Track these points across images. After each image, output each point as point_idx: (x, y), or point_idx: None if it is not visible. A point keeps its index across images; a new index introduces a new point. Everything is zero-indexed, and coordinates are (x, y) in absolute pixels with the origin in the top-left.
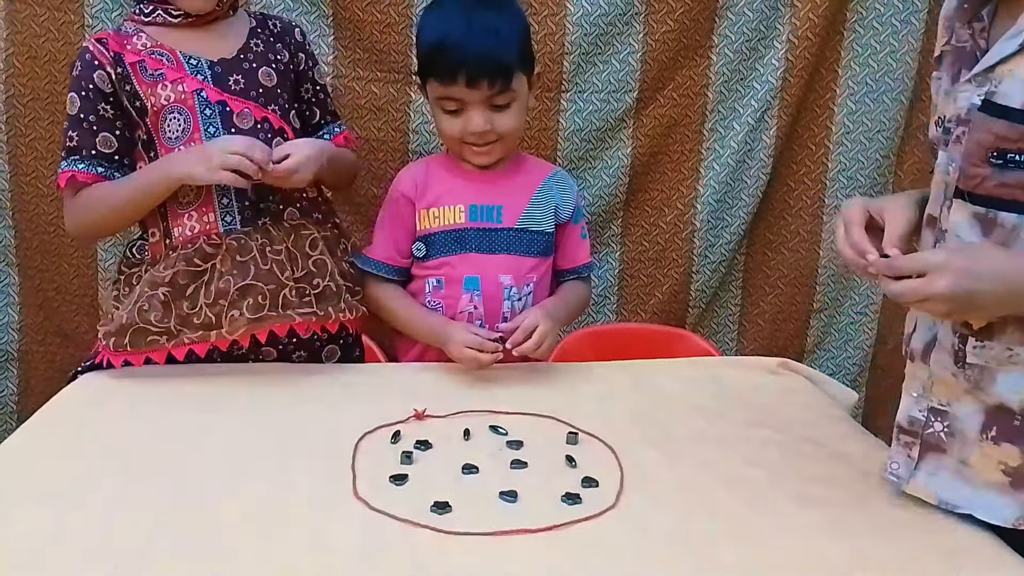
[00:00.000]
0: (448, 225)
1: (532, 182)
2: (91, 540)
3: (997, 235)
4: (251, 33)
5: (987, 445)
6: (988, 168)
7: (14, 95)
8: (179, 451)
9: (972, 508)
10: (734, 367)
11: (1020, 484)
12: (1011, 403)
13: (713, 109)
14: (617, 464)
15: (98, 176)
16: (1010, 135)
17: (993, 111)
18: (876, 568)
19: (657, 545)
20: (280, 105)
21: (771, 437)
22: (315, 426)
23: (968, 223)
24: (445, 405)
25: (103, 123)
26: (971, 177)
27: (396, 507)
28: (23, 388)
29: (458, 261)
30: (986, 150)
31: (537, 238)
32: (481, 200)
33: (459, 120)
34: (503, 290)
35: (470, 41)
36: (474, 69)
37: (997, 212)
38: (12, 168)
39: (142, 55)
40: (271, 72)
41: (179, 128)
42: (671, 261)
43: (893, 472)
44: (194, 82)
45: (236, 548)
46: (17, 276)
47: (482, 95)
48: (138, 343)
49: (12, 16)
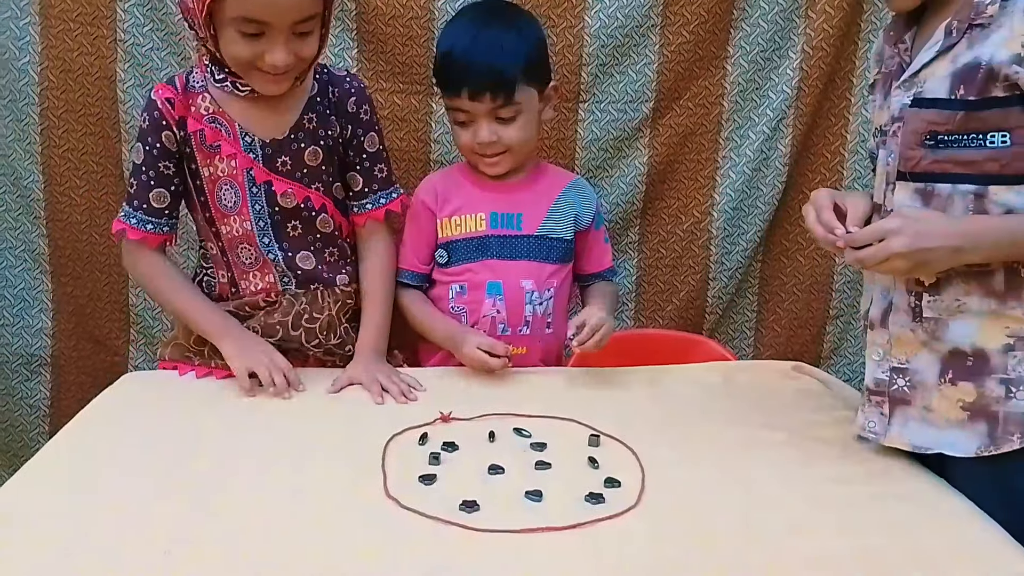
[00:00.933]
0: (470, 233)
1: (552, 191)
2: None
3: (935, 203)
4: (308, 105)
5: (946, 388)
6: (923, 150)
7: (48, 107)
8: (216, 449)
9: (940, 447)
10: (749, 371)
11: (978, 416)
12: (964, 346)
13: (729, 118)
14: (638, 465)
15: (147, 233)
16: (939, 119)
17: (923, 104)
18: (889, 567)
19: (678, 543)
20: (324, 182)
21: (786, 439)
22: (345, 428)
23: (910, 197)
24: (470, 408)
25: (161, 179)
26: (909, 159)
27: (426, 506)
28: (55, 393)
29: (480, 267)
30: (920, 135)
31: (556, 245)
32: (501, 208)
33: (469, 131)
34: (525, 294)
35: (472, 55)
36: (475, 82)
37: (934, 184)
38: (46, 178)
39: (203, 122)
40: (318, 151)
41: (231, 200)
42: (688, 268)
43: (870, 430)
44: (246, 160)
45: (271, 542)
46: (50, 283)
47: (486, 108)
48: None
49: (46, 31)
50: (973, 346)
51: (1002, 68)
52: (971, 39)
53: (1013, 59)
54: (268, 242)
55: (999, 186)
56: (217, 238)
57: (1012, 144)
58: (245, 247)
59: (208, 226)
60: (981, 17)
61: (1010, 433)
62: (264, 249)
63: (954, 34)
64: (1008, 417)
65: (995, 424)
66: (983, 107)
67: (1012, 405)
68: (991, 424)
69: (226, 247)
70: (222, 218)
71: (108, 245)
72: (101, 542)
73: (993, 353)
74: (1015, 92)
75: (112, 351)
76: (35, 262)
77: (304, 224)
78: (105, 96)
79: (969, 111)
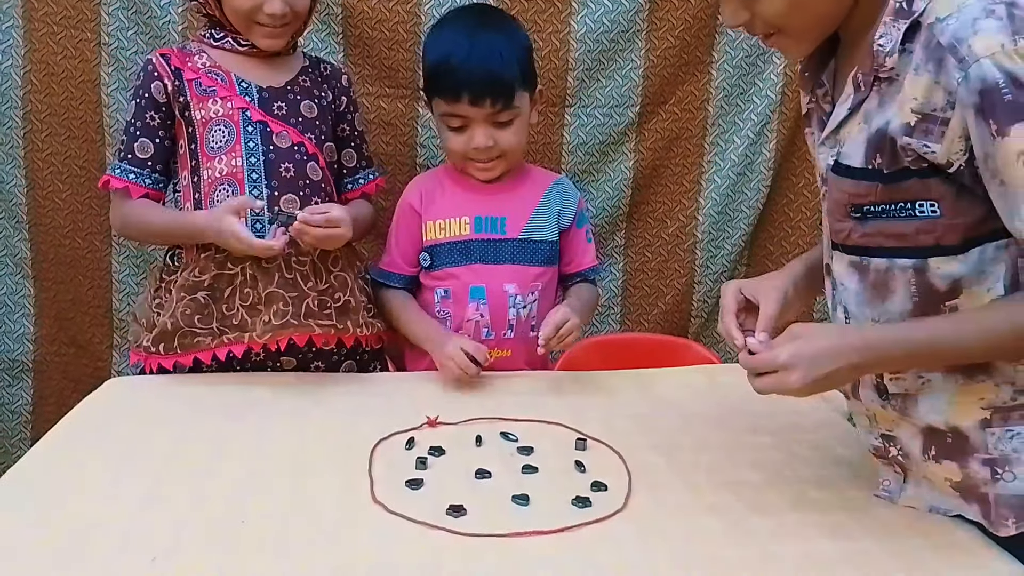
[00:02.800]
0: (454, 237)
1: (535, 192)
2: (126, 534)
3: (873, 278)
4: (302, 71)
5: (931, 464)
6: (851, 222)
7: (31, 111)
8: (201, 455)
9: (958, 510)
10: (733, 373)
11: (969, 497)
12: (937, 423)
13: (714, 123)
14: (625, 469)
15: (128, 182)
16: (859, 191)
17: (841, 171)
18: (874, 567)
19: (665, 546)
20: (316, 135)
21: (771, 442)
22: (331, 432)
23: (847, 271)
24: (456, 413)
25: (146, 130)
26: (839, 232)
27: (413, 510)
28: (37, 398)
29: (464, 272)
30: (844, 207)
31: (541, 247)
32: (486, 212)
33: (463, 137)
34: (508, 299)
35: (473, 61)
36: (477, 88)
37: (869, 259)
38: (29, 182)
39: (199, 73)
40: (313, 106)
41: (223, 139)
42: (673, 272)
43: (885, 488)
44: (241, 101)
45: (259, 548)
46: (32, 287)
47: (485, 113)
48: (187, 345)
49: (30, 34)
50: (947, 424)
51: (898, 139)
52: (881, 93)
53: (904, 129)
54: (257, 178)
55: (939, 257)
56: (196, 190)
57: (942, 215)
58: (224, 187)
59: (191, 176)
60: (883, 70)
61: (1004, 518)
62: (250, 186)
63: (862, 87)
64: (999, 500)
65: (988, 507)
66: (901, 178)
67: (1001, 487)
68: (984, 507)
69: (203, 195)
70: (207, 160)
71: (91, 249)
72: (87, 549)
73: (970, 430)
74: (923, 165)
75: (95, 356)
76: (17, 266)
77: (296, 168)
78: (89, 100)
79: (887, 183)
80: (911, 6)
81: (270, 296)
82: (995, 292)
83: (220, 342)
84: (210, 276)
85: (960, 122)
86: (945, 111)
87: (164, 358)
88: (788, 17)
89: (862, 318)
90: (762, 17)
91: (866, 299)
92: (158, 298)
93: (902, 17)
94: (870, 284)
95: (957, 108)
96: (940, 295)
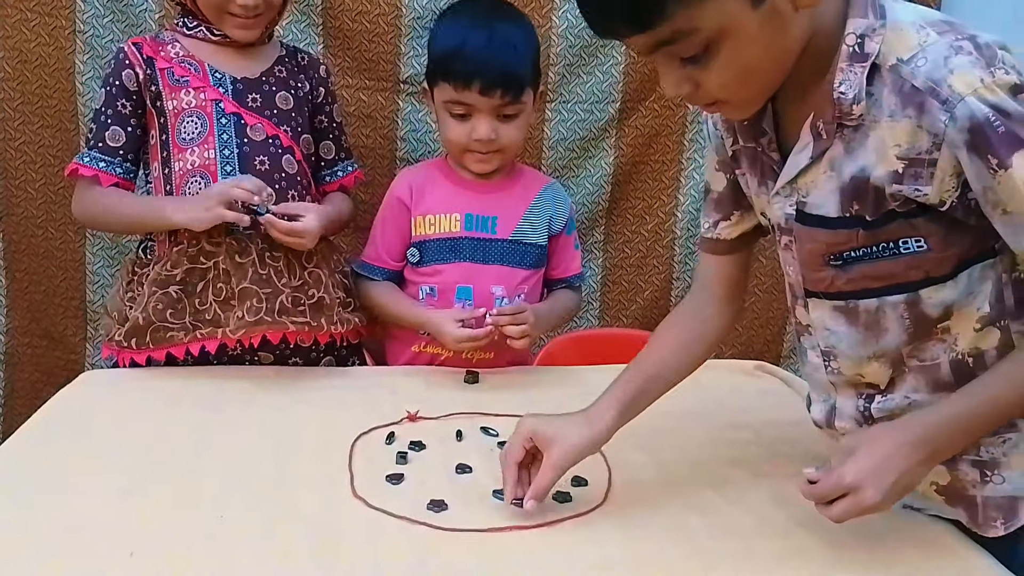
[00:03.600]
0: (443, 233)
1: (527, 194)
2: (103, 529)
3: (864, 319)
4: (278, 60)
5: None
6: (831, 270)
7: (4, 99)
8: (179, 449)
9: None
10: (713, 370)
11: (954, 501)
12: None
13: (693, 120)
14: (605, 464)
15: (98, 170)
16: (838, 239)
17: (811, 222)
18: (853, 559)
19: (645, 541)
20: (292, 128)
21: (750, 437)
22: (311, 427)
23: (831, 316)
24: (436, 407)
25: (117, 119)
26: (819, 281)
27: (393, 505)
28: (9, 391)
29: (451, 269)
30: (821, 256)
31: (530, 250)
32: (476, 210)
33: (466, 126)
34: (494, 300)
35: (490, 49)
36: (490, 77)
37: (856, 301)
38: (1, 172)
39: (172, 63)
40: (289, 97)
41: (195, 131)
42: (652, 268)
43: None
44: (214, 92)
45: (239, 543)
46: (5, 279)
47: (493, 104)
48: (159, 340)
49: (3, 21)
50: None
51: (885, 187)
52: (847, 141)
53: (891, 177)
54: (231, 171)
55: (930, 287)
56: (167, 181)
57: (930, 249)
58: (197, 179)
59: (162, 167)
60: (849, 118)
61: (992, 520)
62: (223, 179)
63: (824, 136)
64: (988, 502)
65: (975, 509)
66: (885, 222)
67: (990, 489)
68: (970, 511)
69: (175, 187)
70: (179, 152)
71: (65, 240)
72: (64, 543)
73: None
74: (911, 206)
75: (68, 348)
76: None
77: (271, 161)
78: (63, 88)
79: (869, 229)
80: (864, 49)
81: (244, 292)
82: (983, 310)
83: (193, 337)
84: (182, 270)
85: (949, 160)
86: (931, 152)
87: (136, 353)
88: (733, 90)
89: (856, 358)
90: (706, 90)
91: (859, 340)
92: (130, 292)
93: (858, 61)
94: (861, 326)
95: (944, 148)
96: (932, 321)
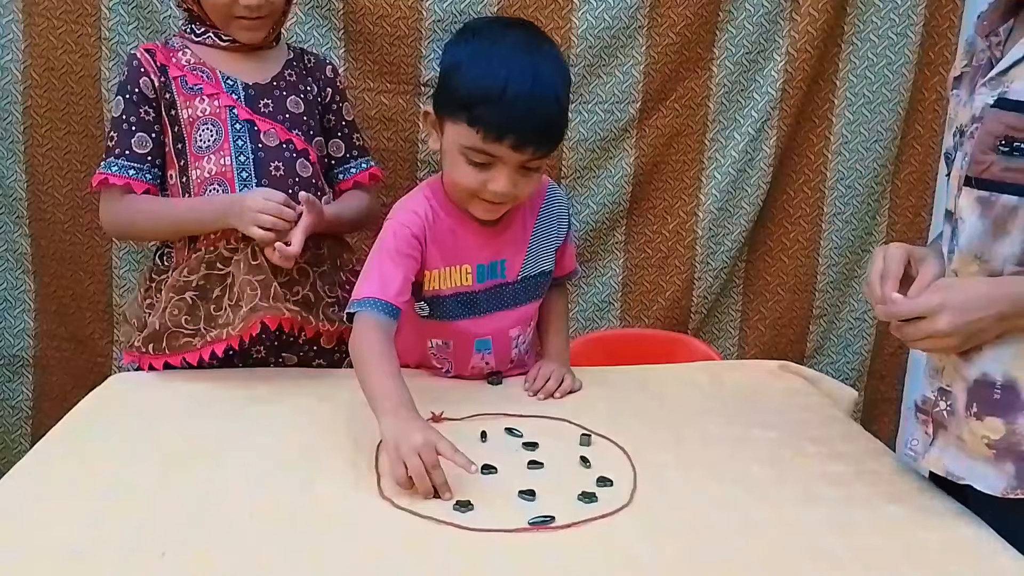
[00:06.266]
0: (456, 288)
1: (528, 222)
2: (134, 529)
3: (996, 214)
4: (287, 64)
5: (972, 421)
6: (995, 155)
7: (31, 106)
8: (208, 450)
9: (972, 479)
10: (737, 370)
11: (1004, 455)
12: (994, 375)
13: (714, 119)
14: (630, 464)
15: (129, 178)
16: (1018, 124)
17: (1006, 106)
18: (880, 563)
19: (671, 541)
20: (304, 131)
21: (776, 437)
22: (337, 428)
23: (971, 206)
24: (459, 408)
25: (142, 125)
26: (979, 163)
27: (420, 506)
28: (38, 394)
29: (467, 324)
30: (996, 139)
31: (540, 281)
32: (486, 258)
33: (483, 176)
34: (511, 340)
35: (532, 101)
36: (528, 134)
37: (999, 195)
38: (29, 177)
39: (184, 71)
40: (299, 101)
41: (210, 139)
42: (673, 268)
43: (912, 448)
44: (228, 99)
45: (268, 542)
46: (33, 283)
47: (521, 159)
48: (174, 346)
49: (30, 29)
50: (1006, 375)
51: None
52: None
53: None
54: (247, 177)
55: None
56: (185, 189)
57: None
58: (215, 187)
59: (179, 176)
60: None
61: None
62: (240, 185)
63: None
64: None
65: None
66: None
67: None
68: (1019, 465)
69: (193, 195)
70: (196, 160)
71: (92, 245)
72: (96, 544)
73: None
74: None
75: (95, 352)
76: (17, 262)
77: (286, 166)
78: (89, 94)
79: None
80: None
81: (241, 285)
82: None
83: (204, 342)
84: (199, 276)
85: None
86: None
87: (154, 358)
88: None
89: (968, 253)
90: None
91: (979, 233)
92: (148, 298)
93: None
94: (991, 220)
95: None
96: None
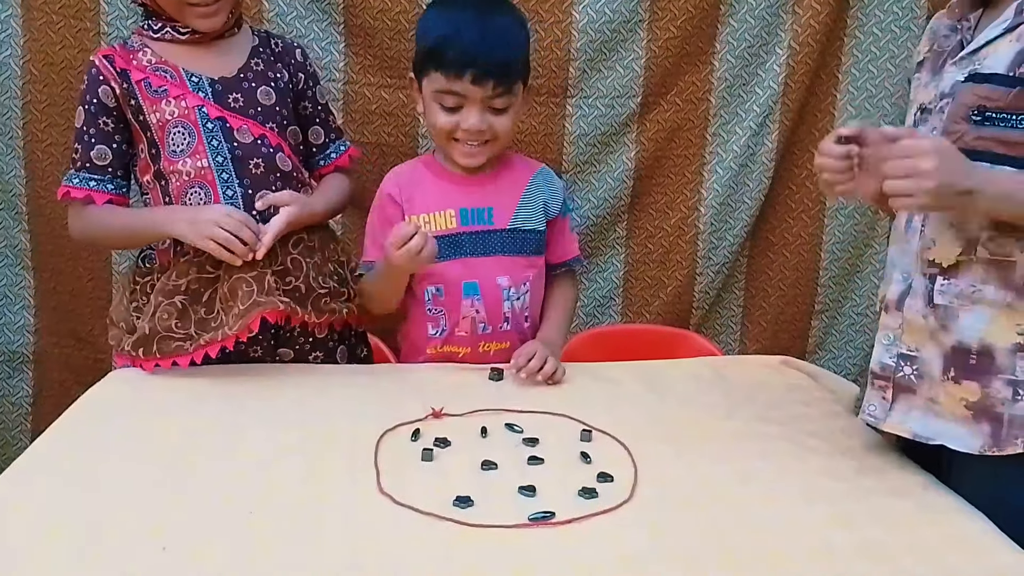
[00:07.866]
0: (440, 231)
1: (520, 181)
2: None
3: None
4: (253, 52)
5: (949, 384)
6: (968, 125)
7: (31, 101)
8: (207, 446)
9: (944, 439)
10: (738, 365)
11: (981, 416)
12: (971, 341)
13: (716, 114)
14: (630, 460)
15: (89, 190)
16: (991, 95)
17: (978, 79)
18: (882, 557)
19: (672, 536)
20: (278, 123)
21: (777, 433)
22: (337, 424)
23: None
24: (460, 404)
25: (101, 136)
26: (951, 133)
27: (420, 501)
28: (38, 390)
29: (452, 266)
30: (968, 109)
31: (530, 237)
32: (471, 203)
33: (455, 116)
34: (502, 291)
35: (484, 39)
36: (484, 67)
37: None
38: (28, 173)
39: (147, 72)
40: (270, 91)
41: (183, 142)
42: (675, 263)
43: (870, 414)
44: (195, 98)
45: (268, 538)
46: (32, 279)
47: (484, 94)
48: (164, 350)
49: (29, 24)
50: (981, 342)
51: None
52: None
53: None
54: (228, 178)
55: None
56: (164, 193)
57: None
58: (196, 190)
59: (156, 180)
60: None
61: (1015, 436)
62: (222, 187)
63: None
64: (1014, 420)
65: (999, 426)
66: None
67: (1019, 408)
68: (995, 425)
69: (174, 198)
70: (171, 165)
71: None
72: (96, 539)
73: (1001, 352)
74: None
75: (95, 348)
76: (17, 258)
77: (266, 162)
78: None
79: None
80: None
81: (234, 283)
82: None
83: (197, 345)
84: (189, 280)
85: None
86: None
87: (145, 361)
88: None
89: (942, 222)
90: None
91: None
92: (135, 301)
93: None
94: None
95: None
96: None
